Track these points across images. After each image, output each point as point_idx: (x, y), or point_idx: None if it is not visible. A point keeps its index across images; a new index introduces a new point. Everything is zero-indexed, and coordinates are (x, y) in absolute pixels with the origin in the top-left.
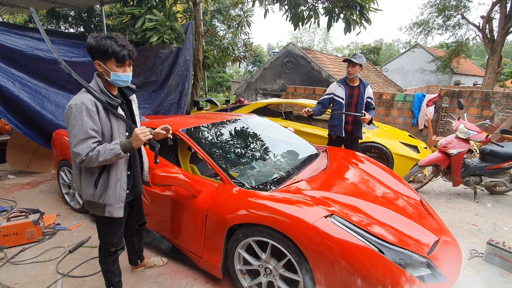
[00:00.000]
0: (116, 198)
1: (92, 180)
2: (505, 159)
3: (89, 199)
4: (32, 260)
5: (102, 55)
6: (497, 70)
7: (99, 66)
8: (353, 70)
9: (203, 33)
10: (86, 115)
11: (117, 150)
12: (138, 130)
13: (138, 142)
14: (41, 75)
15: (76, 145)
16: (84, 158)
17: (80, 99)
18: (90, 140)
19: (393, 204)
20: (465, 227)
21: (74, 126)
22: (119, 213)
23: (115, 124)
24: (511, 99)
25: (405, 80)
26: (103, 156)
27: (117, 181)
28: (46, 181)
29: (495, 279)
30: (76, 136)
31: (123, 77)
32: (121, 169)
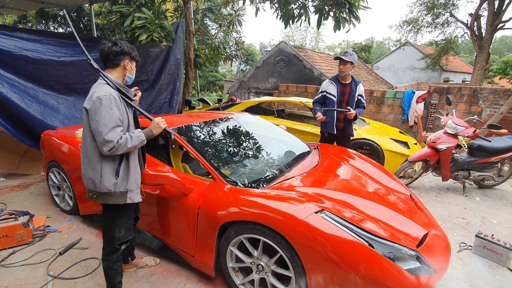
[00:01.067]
0: (136, 183)
1: (113, 170)
2: (492, 154)
3: (110, 189)
4: (23, 262)
5: (132, 57)
6: (485, 67)
7: (127, 64)
8: (344, 68)
9: (194, 32)
10: (114, 105)
11: (142, 137)
12: (158, 119)
13: (158, 130)
14: (29, 76)
15: (108, 133)
16: (115, 145)
17: (108, 91)
18: (119, 128)
19: (384, 199)
20: (454, 220)
21: (104, 115)
22: (139, 198)
23: (131, 115)
24: (498, 95)
25: (396, 77)
26: (132, 143)
27: (135, 167)
28: (36, 183)
29: (484, 271)
30: (107, 124)
31: (132, 77)
32: (136, 157)
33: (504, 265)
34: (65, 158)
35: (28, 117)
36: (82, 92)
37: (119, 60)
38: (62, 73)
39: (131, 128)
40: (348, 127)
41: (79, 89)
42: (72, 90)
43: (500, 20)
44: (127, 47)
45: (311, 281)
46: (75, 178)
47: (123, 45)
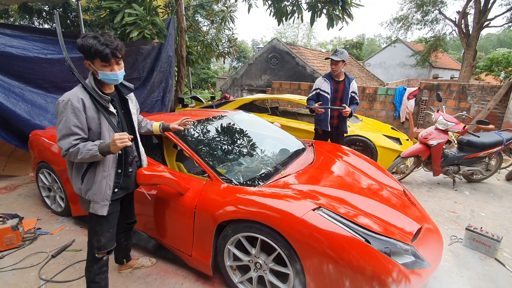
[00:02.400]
0: (101, 195)
1: (79, 174)
2: (481, 149)
3: (78, 192)
4: (12, 267)
5: (88, 55)
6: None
7: (89, 66)
8: (336, 67)
9: (186, 29)
10: (70, 111)
11: (94, 152)
12: (117, 135)
13: (114, 148)
14: (14, 74)
15: (59, 140)
16: (65, 152)
17: (68, 96)
18: (72, 136)
19: (378, 195)
20: (446, 214)
21: (60, 121)
22: (103, 211)
23: (104, 121)
24: (485, 91)
25: (387, 74)
26: (81, 155)
27: (103, 178)
28: (24, 184)
29: (474, 262)
30: (60, 131)
31: (111, 76)
32: (109, 166)
33: (492, 256)
34: (55, 158)
35: (15, 116)
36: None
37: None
38: (50, 71)
39: (106, 135)
40: (342, 124)
41: (68, 87)
42: (61, 88)
43: (486, 18)
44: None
45: (309, 277)
46: (67, 179)
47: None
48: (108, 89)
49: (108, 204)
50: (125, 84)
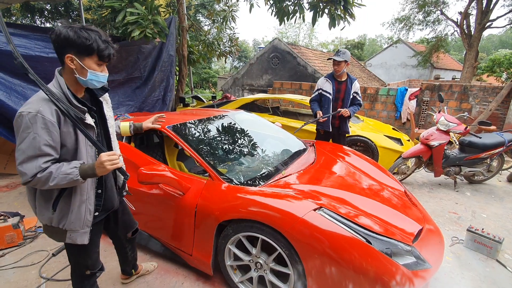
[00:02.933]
0: (81, 222)
1: (49, 203)
2: (482, 150)
3: (46, 223)
4: (13, 265)
5: (81, 49)
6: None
7: (71, 61)
8: (339, 68)
9: (187, 28)
10: (41, 127)
11: (74, 176)
12: (105, 155)
13: (102, 170)
14: (16, 72)
15: (22, 163)
16: (29, 179)
17: (37, 106)
18: (42, 158)
19: (379, 195)
20: (447, 215)
21: (23, 139)
22: (83, 240)
23: (81, 135)
24: (487, 92)
25: (388, 74)
26: (56, 180)
27: (81, 203)
28: None
29: (475, 264)
30: (24, 151)
31: (101, 78)
32: (88, 189)
33: (493, 257)
34: None
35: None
36: None
37: (61, 54)
38: (51, 70)
39: (83, 153)
40: (343, 124)
41: None
42: None
43: (488, 19)
44: (71, 33)
45: (310, 278)
46: None
47: (62, 29)
48: (79, 92)
49: (88, 230)
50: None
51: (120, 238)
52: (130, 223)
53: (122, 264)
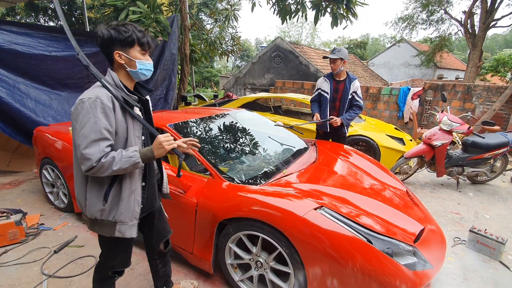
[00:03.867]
0: (130, 213)
1: (101, 193)
2: (486, 150)
3: (96, 216)
4: (16, 261)
5: (124, 43)
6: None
7: (120, 57)
8: (335, 66)
9: (189, 27)
10: (100, 111)
11: (136, 159)
12: (162, 137)
13: (161, 151)
14: (19, 70)
15: (86, 147)
16: (94, 164)
17: (95, 93)
18: (103, 142)
19: (381, 195)
20: (449, 215)
21: (85, 124)
22: (132, 233)
23: (131, 125)
24: (491, 92)
25: (391, 74)
26: (118, 165)
27: (131, 193)
28: (28, 180)
29: (478, 265)
30: (86, 136)
31: (148, 65)
32: (136, 179)
33: (496, 259)
34: (58, 154)
35: (19, 112)
36: (75, 87)
37: (109, 54)
38: (54, 68)
39: (132, 142)
40: (340, 126)
41: (72, 84)
42: (65, 85)
43: (493, 18)
44: (112, 31)
45: (310, 277)
46: (70, 175)
47: (104, 31)
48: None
49: (136, 223)
50: (142, 84)
51: (153, 248)
52: (165, 231)
53: (154, 278)
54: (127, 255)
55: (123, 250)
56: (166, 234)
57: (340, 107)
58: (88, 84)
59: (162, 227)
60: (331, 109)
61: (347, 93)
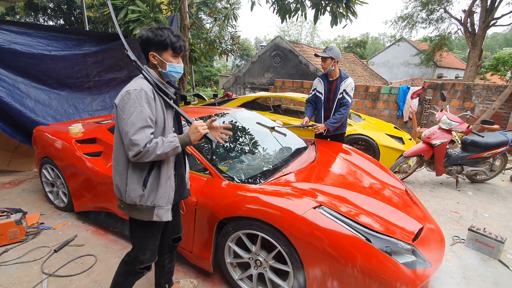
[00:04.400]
0: (166, 198)
1: (141, 179)
2: (485, 149)
3: (135, 201)
4: (16, 260)
5: (158, 46)
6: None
7: (153, 58)
8: (324, 64)
9: (189, 26)
10: (145, 101)
11: (176, 143)
12: (197, 122)
13: (197, 135)
14: (19, 70)
15: (134, 134)
16: (141, 149)
17: (139, 85)
18: (148, 129)
19: (380, 194)
20: (448, 214)
21: (132, 112)
22: (168, 216)
23: (167, 115)
24: (490, 91)
25: (391, 73)
26: (161, 149)
27: (167, 179)
28: (28, 179)
29: (477, 263)
30: (134, 123)
31: (178, 68)
32: (171, 166)
33: (495, 257)
34: (58, 154)
35: (19, 112)
36: (74, 87)
37: (146, 54)
38: (53, 68)
39: (168, 131)
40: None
41: (72, 83)
42: (64, 85)
43: (493, 17)
44: (150, 33)
45: (309, 275)
46: (70, 175)
47: (143, 32)
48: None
49: (170, 208)
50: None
51: (163, 242)
52: (178, 227)
53: (157, 275)
54: (155, 247)
55: (153, 239)
56: (179, 230)
57: (333, 107)
58: (87, 84)
59: (177, 222)
60: (325, 110)
61: (338, 92)
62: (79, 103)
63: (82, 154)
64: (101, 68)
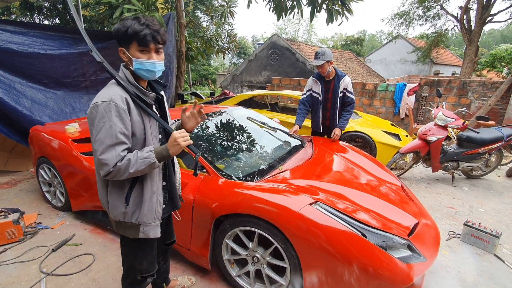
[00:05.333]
0: (152, 214)
1: (122, 196)
2: (480, 145)
3: (119, 219)
4: (14, 260)
5: (123, 39)
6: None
7: (123, 54)
8: (322, 69)
9: (185, 24)
10: (115, 115)
11: (151, 159)
12: (177, 133)
13: (176, 148)
14: (15, 70)
15: (103, 153)
16: (111, 169)
17: (109, 95)
18: (119, 146)
19: (376, 190)
20: (444, 210)
21: (100, 128)
22: (156, 233)
23: (148, 124)
24: (486, 88)
25: (388, 70)
26: (135, 167)
27: (152, 194)
28: (25, 179)
29: (472, 258)
30: (102, 141)
31: (147, 65)
32: (156, 179)
33: (491, 252)
34: (55, 153)
35: (16, 112)
36: (71, 86)
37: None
38: (49, 67)
39: (151, 142)
40: (333, 125)
41: (68, 83)
42: (61, 84)
43: (489, 14)
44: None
45: (306, 271)
46: (67, 174)
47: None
48: (143, 85)
49: (159, 223)
50: (157, 80)
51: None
52: (170, 234)
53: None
54: (152, 257)
55: (148, 252)
56: (171, 237)
57: (331, 107)
58: (84, 83)
59: (169, 230)
60: (324, 110)
61: (337, 91)
62: (76, 102)
63: (79, 154)
64: (97, 67)
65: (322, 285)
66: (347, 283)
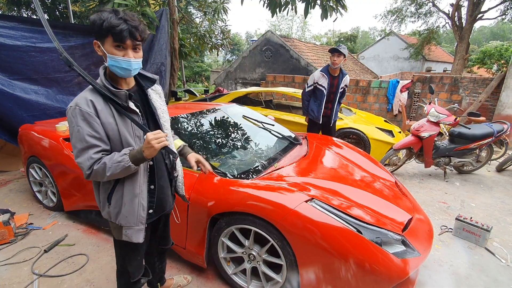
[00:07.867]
0: (134, 218)
1: (105, 195)
2: (471, 140)
3: (107, 217)
4: (5, 262)
5: (99, 32)
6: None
7: (98, 48)
8: (338, 60)
9: (178, 20)
10: (81, 119)
11: (125, 163)
12: (151, 134)
13: (151, 151)
14: (2, 65)
15: (77, 157)
16: (87, 172)
17: (76, 100)
18: (91, 149)
19: (370, 186)
20: (436, 205)
21: (72, 134)
22: (139, 238)
23: (122, 125)
24: (477, 84)
25: (381, 67)
26: (111, 170)
27: (134, 197)
28: (15, 179)
29: (464, 251)
30: (75, 145)
31: (122, 63)
32: (140, 182)
33: (482, 246)
34: (46, 153)
35: (4, 110)
36: (63, 82)
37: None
38: (39, 61)
39: (129, 144)
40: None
41: (60, 78)
42: (52, 80)
43: (480, 11)
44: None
45: (302, 268)
46: (58, 174)
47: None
48: (125, 84)
49: (143, 228)
50: (145, 75)
51: (151, 246)
52: (166, 240)
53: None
54: (137, 262)
55: (133, 257)
56: (168, 243)
57: (333, 101)
58: (77, 78)
59: (166, 236)
60: (327, 102)
61: (339, 87)
62: (68, 99)
63: (70, 152)
64: (90, 61)
65: (318, 281)
66: (343, 279)
